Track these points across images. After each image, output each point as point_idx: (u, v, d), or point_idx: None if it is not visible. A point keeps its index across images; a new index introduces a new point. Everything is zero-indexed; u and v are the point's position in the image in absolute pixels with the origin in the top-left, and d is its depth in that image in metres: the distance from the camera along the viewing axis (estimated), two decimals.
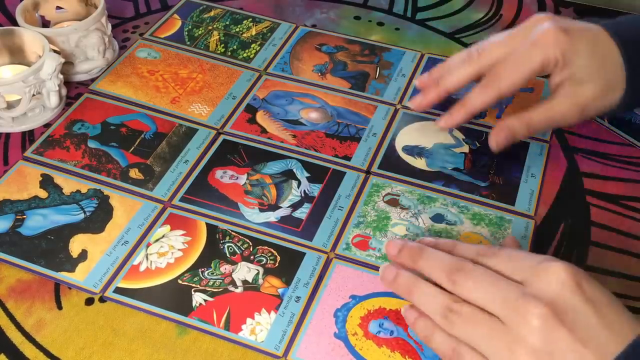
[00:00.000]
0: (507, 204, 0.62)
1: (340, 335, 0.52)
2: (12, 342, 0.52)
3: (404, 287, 0.50)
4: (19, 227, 0.59)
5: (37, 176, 0.64)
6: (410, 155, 0.66)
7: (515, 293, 0.44)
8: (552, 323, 0.42)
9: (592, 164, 0.66)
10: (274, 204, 0.61)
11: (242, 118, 0.70)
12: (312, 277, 0.56)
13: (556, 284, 0.43)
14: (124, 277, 0.56)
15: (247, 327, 0.52)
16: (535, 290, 0.44)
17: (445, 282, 0.47)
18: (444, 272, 0.48)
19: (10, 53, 0.72)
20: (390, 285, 0.51)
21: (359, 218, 0.60)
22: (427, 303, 0.48)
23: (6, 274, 0.56)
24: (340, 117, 0.70)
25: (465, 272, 0.47)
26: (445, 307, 0.46)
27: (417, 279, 0.49)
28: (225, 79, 0.74)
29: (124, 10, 0.84)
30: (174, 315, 0.53)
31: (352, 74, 0.75)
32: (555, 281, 0.43)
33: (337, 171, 0.64)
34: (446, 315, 0.46)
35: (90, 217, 0.60)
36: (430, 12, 0.85)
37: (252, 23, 0.82)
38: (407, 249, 0.51)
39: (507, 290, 0.44)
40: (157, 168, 0.65)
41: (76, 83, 0.74)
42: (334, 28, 0.82)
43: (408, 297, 0.50)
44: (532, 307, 0.42)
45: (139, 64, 0.76)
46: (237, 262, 0.57)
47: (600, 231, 0.60)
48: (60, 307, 0.54)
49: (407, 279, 0.50)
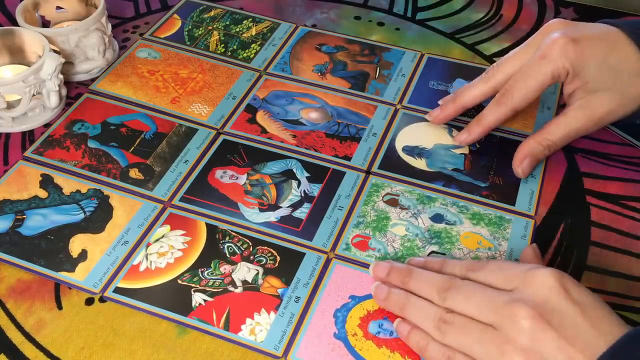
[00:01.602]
0: (507, 204, 0.62)
1: (339, 336, 0.52)
2: (12, 342, 0.52)
3: (397, 303, 0.51)
4: (19, 227, 0.59)
5: (37, 176, 0.64)
6: (411, 155, 0.66)
7: (504, 300, 0.46)
8: (540, 324, 0.43)
9: (592, 164, 0.66)
10: (274, 204, 0.61)
11: (242, 118, 0.70)
12: (312, 277, 0.56)
13: (543, 288, 0.45)
14: (123, 277, 0.56)
15: (247, 327, 0.52)
16: (524, 295, 0.45)
17: (436, 299, 0.49)
18: (434, 290, 0.49)
19: (10, 53, 0.72)
20: (383, 303, 0.53)
21: (358, 218, 0.60)
22: (420, 316, 0.49)
23: (6, 274, 0.56)
24: (340, 117, 0.70)
25: (455, 288, 0.48)
26: (438, 319, 0.48)
27: (408, 295, 0.51)
28: (225, 79, 0.74)
29: (124, 10, 0.84)
30: (174, 315, 0.53)
31: (352, 74, 0.75)
32: (542, 286, 0.45)
33: (337, 171, 0.64)
34: (439, 326, 0.48)
35: (90, 217, 0.60)
36: (430, 12, 0.85)
37: (252, 23, 0.82)
38: (396, 271, 0.53)
39: (496, 299, 0.46)
40: (157, 168, 0.65)
41: (76, 83, 0.74)
42: (334, 28, 0.82)
43: (401, 313, 0.51)
44: (520, 310, 0.44)
45: (139, 64, 0.76)
46: (237, 262, 0.57)
47: (600, 231, 0.60)
48: (60, 307, 0.54)
49: (398, 296, 0.51)
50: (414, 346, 0.50)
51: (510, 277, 0.47)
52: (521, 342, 0.44)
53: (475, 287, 0.48)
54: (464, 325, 0.47)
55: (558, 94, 0.73)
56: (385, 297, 0.52)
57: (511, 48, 0.79)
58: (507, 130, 0.69)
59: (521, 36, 0.81)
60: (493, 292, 0.47)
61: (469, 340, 0.46)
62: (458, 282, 0.49)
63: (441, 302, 0.49)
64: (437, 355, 0.48)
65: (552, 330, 0.43)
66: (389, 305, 0.52)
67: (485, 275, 0.49)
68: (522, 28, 0.82)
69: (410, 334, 0.50)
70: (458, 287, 0.48)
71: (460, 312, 0.47)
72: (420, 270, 0.52)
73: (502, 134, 0.68)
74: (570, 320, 0.44)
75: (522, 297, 0.45)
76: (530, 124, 0.69)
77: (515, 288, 0.46)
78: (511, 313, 0.45)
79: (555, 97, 0.73)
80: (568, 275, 0.46)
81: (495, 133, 0.68)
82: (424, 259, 0.54)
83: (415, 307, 0.50)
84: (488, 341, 0.45)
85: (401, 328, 0.51)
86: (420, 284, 0.51)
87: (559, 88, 0.74)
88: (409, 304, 0.50)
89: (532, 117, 0.70)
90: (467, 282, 0.49)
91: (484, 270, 0.49)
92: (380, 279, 0.54)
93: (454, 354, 0.47)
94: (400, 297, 0.51)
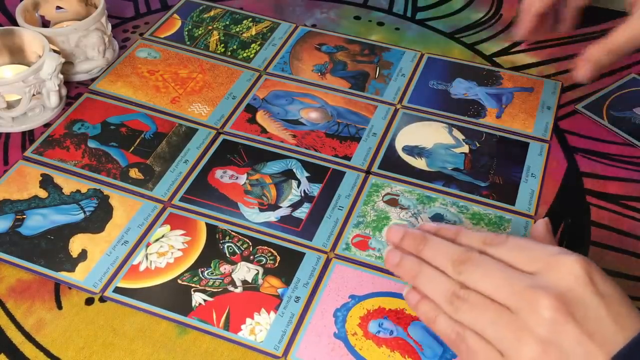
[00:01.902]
0: (507, 204, 0.62)
1: (339, 335, 0.52)
2: (12, 342, 0.52)
3: (409, 271, 0.49)
4: (18, 227, 0.59)
5: (37, 176, 0.64)
6: (410, 155, 0.66)
7: (525, 283, 0.43)
8: (562, 316, 0.42)
9: (592, 164, 0.66)
10: (274, 204, 0.61)
11: (242, 118, 0.70)
12: (312, 277, 0.56)
13: (569, 277, 0.43)
14: (123, 277, 0.56)
15: (247, 327, 0.52)
16: (547, 281, 0.43)
17: (450, 271, 0.47)
18: (449, 262, 0.47)
19: (10, 53, 0.72)
20: (395, 269, 0.50)
21: (358, 218, 0.60)
22: (432, 288, 0.47)
23: (6, 274, 0.56)
24: (340, 117, 0.70)
25: (472, 263, 0.46)
26: (451, 293, 0.46)
27: (421, 263, 0.49)
28: (225, 78, 0.74)
29: (124, 10, 0.84)
30: (174, 315, 0.53)
31: (352, 73, 0.75)
32: (568, 274, 0.43)
33: (337, 171, 0.64)
34: (452, 301, 0.46)
35: (90, 217, 0.60)
36: (430, 12, 0.85)
37: (252, 23, 0.82)
38: (410, 237, 0.50)
39: (516, 280, 0.44)
40: (157, 168, 0.65)
41: (76, 83, 0.74)
42: (334, 28, 0.82)
43: (412, 281, 0.49)
44: (543, 298, 0.42)
45: (139, 63, 0.76)
46: (237, 262, 0.57)
47: (600, 231, 0.60)
48: (60, 307, 0.54)
49: (411, 263, 0.49)
50: (422, 316, 0.48)
51: (534, 258, 0.45)
52: (539, 331, 0.42)
53: (493, 265, 0.45)
54: (479, 304, 0.45)
55: (558, 94, 0.73)
56: (397, 263, 0.50)
57: (511, 48, 0.79)
58: (507, 130, 0.69)
59: None
60: (513, 272, 0.45)
61: (483, 320, 0.44)
62: (475, 256, 0.46)
63: (456, 275, 0.46)
64: (446, 330, 0.46)
65: (574, 323, 0.41)
66: (401, 272, 0.50)
67: (505, 252, 0.46)
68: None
69: (419, 304, 0.48)
70: (475, 261, 0.46)
71: (475, 289, 0.45)
72: (435, 238, 0.49)
73: (502, 134, 0.68)
74: (594, 313, 0.42)
75: (545, 284, 0.43)
76: (530, 124, 0.69)
77: (537, 271, 0.44)
78: (532, 299, 0.42)
79: (555, 97, 0.73)
80: (595, 265, 0.44)
81: (495, 133, 0.68)
82: (437, 225, 0.52)
83: (427, 277, 0.48)
84: (503, 324, 0.43)
85: (410, 296, 0.49)
86: (434, 253, 0.48)
87: (559, 88, 0.74)
88: (421, 273, 0.48)
89: (532, 117, 0.70)
90: (485, 257, 0.46)
91: (504, 246, 0.47)
92: (394, 243, 0.51)
93: (464, 331, 0.45)
94: (413, 265, 0.49)
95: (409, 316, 0.53)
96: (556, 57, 0.78)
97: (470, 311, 0.45)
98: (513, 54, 0.78)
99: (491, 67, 0.76)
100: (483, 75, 0.75)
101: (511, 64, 0.77)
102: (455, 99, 0.72)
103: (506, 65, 0.77)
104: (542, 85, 0.74)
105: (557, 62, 0.77)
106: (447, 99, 0.72)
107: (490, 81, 0.74)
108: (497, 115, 0.70)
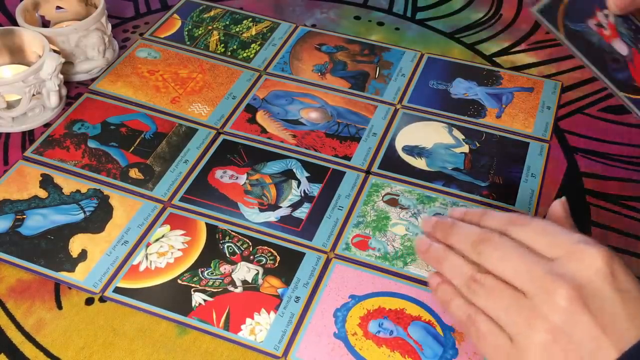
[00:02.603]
0: (507, 203, 0.62)
1: (339, 335, 0.52)
2: (12, 342, 0.52)
3: (435, 258, 0.50)
4: (19, 227, 0.59)
5: (37, 176, 0.64)
6: (410, 155, 0.66)
7: (544, 269, 0.43)
8: (578, 307, 0.41)
9: (592, 164, 0.66)
10: (274, 204, 0.61)
11: (242, 118, 0.70)
12: (312, 277, 0.56)
13: (590, 268, 0.42)
14: (123, 277, 0.56)
15: (247, 327, 0.52)
16: (567, 270, 0.43)
17: (470, 252, 0.47)
18: (468, 243, 0.47)
19: (10, 53, 0.72)
20: (423, 256, 0.51)
21: (358, 218, 0.60)
22: (453, 272, 0.48)
23: (6, 274, 0.56)
24: (340, 117, 0.70)
25: (491, 243, 0.46)
26: (469, 277, 0.46)
27: (446, 250, 0.49)
28: (225, 78, 0.74)
29: (124, 10, 0.84)
30: (174, 315, 0.53)
31: (352, 73, 0.75)
32: (589, 266, 0.42)
33: (337, 171, 0.64)
34: (469, 284, 0.46)
35: (90, 217, 0.60)
36: (430, 12, 0.85)
37: (252, 23, 0.82)
38: (440, 225, 0.51)
39: (535, 265, 0.44)
40: (157, 168, 0.65)
41: (76, 83, 0.74)
42: (334, 28, 0.82)
43: (437, 266, 0.50)
44: (560, 287, 0.42)
45: (139, 63, 0.76)
46: (237, 262, 0.57)
47: (600, 231, 0.60)
48: (60, 307, 0.54)
49: (437, 250, 0.50)
50: (439, 299, 0.49)
51: (556, 244, 0.44)
52: (553, 319, 0.41)
53: (513, 247, 0.45)
54: (495, 289, 0.45)
55: (558, 94, 0.73)
56: (425, 249, 0.51)
57: (511, 48, 0.79)
58: (507, 130, 0.69)
59: (521, 36, 0.81)
60: (533, 257, 0.44)
61: (497, 306, 0.44)
62: (495, 236, 0.46)
63: (476, 257, 0.47)
64: (458, 312, 0.47)
65: (588, 315, 0.41)
66: (428, 258, 0.51)
67: (527, 234, 0.46)
68: (521, 28, 0.82)
69: (437, 287, 0.49)
70: (494, 241, 0.46)
71: (493, 271, 0.45)
72: (461, 223, 0.50)
73: (502, 134, 0.68)
74: (610, 308, 0.41)
75: (564, 272, 0.42)
76: (530, 123, 0.69)
77: (558, 258, 0.43)
78: (550, 287, 0.42)
79: (555, 97, 0.73)
80: (619, 259, 0.43)
81: (496, 133, 0.68)
82: (464, 210, 0.52)
83: (450, 263, 0.48)
84: (517, 309, 0.43)
85: (432, 280, 0.50)
86: (458, 238, 0.49)
87: (559, 88, 0.74)
88: (445, 259, 0.49)
89: (532, 116, 0.70)
90: (504, 238, 0.46)
91: (527, 228, 0.46)
92: (428, 233, 0.52)
93: (476, 314, 0.45)
94: (438, 252, 0.50)
95: (409, 316, 0.54)
96: (556, 57, 0.78)
97: (486, 295, 0.45)
98: (513, 54, 0.78)
99: (491, 67, 0.76)
100: (483, 75, 0.75)
101: (511, 64, 0.77)
102: (455, 98, 0.72)
103: (506, 65, 0.77)
104: (542, 85, 0.74)
105: (557, 62, 0.77)
106: (447, 98, 0.72)
107: (490, 81, 0.74)
108: (497, 115, 0.70)
